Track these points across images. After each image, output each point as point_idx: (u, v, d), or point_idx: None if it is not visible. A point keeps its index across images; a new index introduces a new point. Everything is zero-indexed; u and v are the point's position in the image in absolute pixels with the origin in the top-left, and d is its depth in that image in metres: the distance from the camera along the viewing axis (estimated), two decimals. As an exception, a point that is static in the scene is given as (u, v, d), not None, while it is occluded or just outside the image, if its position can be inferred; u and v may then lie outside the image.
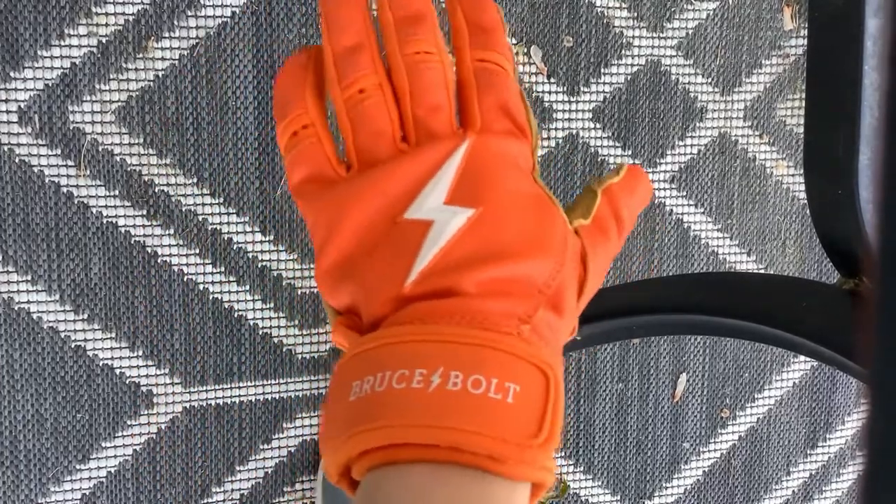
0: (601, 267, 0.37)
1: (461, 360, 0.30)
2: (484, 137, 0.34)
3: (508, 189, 0.34)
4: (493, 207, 0.33)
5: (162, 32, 0.84)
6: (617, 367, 1.04)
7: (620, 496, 1.06)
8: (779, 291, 0.60)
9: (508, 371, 0.30)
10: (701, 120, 1.02)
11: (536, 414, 0.29)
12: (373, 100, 0.34)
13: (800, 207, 1.08)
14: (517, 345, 0.31)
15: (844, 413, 1.15)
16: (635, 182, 0.39)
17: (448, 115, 0.35)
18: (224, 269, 0.88)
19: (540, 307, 0.32)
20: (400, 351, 0.30)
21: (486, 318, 0.31)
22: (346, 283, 0.33)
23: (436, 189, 0.33)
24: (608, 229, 0.37)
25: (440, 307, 0.31)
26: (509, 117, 0.35)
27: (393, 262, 0.32)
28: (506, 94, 0.36)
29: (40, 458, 0.85)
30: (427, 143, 0.34)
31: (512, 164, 0.35)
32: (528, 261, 0.32)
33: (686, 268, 1.04)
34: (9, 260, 0.82)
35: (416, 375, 0.29)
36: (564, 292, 0.33)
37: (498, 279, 0.32)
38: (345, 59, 0.35)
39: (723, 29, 1.02)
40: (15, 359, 0.84)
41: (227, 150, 0.87)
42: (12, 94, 0.81)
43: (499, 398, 0.29)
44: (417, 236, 0.32)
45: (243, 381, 0.90)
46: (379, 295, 0.32)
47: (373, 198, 0.33)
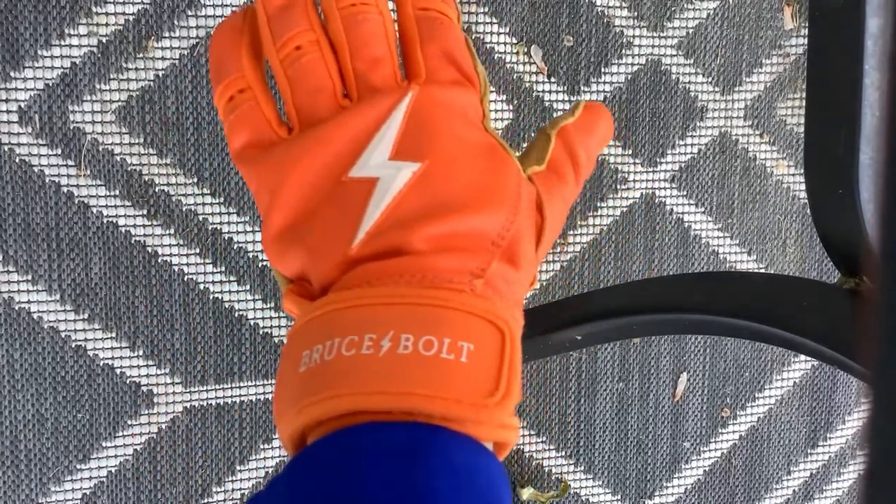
0: (559, 213, 0.35)
1: (411, 322, 0.29)
2: (429, 88, 0.33)
3: (456, 140, 0.33)
4: (439, 160, 0.32)
5: (162, 32, 0.84)
6: (617, 367, 1.04)
7: (621, 496, 1.06)
8: (779, 291, 0.60)
9: (461, 330, 0.29)
10: (701, 119, 1.02)
11: (492, 371, 0.29)
12: (310, 56, 0.33)
13: (800, 207, 1.08)
14: (470, 301, 0.30)
15: (845, 412, 1.15)
16: (593, 120, 0.37)
17: (390, 68, 0.34)
18: (224, 269, 0.88)
19: (493, 260, 0.31)
20: (348, 316, 0.29)
21: (437, 275, 0.30)
22: (293, 248, 0.32)
23: (380, 144, 0.32)
24: (565, 173, 0.36)
25: (389, 267, 0.30)
26: (455, 66, 0.34)
27: (339, 224, 0.31)
28: (450, 42, 0.34)
29: (41, 457, 0.85)
30: (369, 97, 0.33)
31: (459, 113, 0.33)
32: (478, 213, 0.31)
33: (686, 267, 1.04)
34: (9, 260, 0.82)
35: (365, 341, 0.28)
36: (520, 243, 0.32)
37: (448, 234, 0.31)
38: (278, 18, 0.33)
39: (723, 28, 1.02)
40: (15, 358, 0.84)
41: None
42: (12, 93, 0.81)
43: (451, 358, 0.28)
44: (363, 195, 0.31)
45: (244, 380, 0.90)
46: (326, 258, 0.31)
47: (315, 157, 0.32)
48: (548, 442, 1.02)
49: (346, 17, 0.33)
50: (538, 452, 1.02)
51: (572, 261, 1.00)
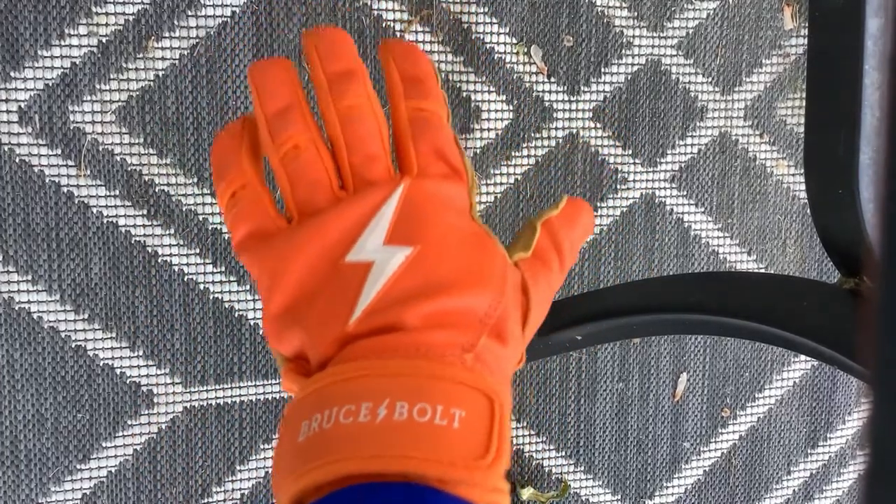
0: (544, 297, 0.37)
1: (406, 391, 0.30)
2: (419, 181, 0.36)
3: (445, 227, 0.35)
4: (431, 244, 0.34)
5: (162, 32, 0.84)
6: (617, 367, 1.04)
7: (621, 496, 1.06)
8: (779, 291, 0.60)
9: (453, 398, 0.31)
10: (701, 119, 1.02)
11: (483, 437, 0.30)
12: (308, 153, 0.35)
13: (800, 207, 1.08)
14: (460, 373, 0.31)
15: (845, 412, 1.15)
16: (575, 214, 0.40)
17: (384, 163, 0.36)
18: (224, 269, 0.88)
19: (482, 336, 0.33)
20: (346, 388, 0.31)
21: (429, 349, 0.32)
22: (293, 329, 0.34)
23: (375, 231, 0.34)
24: (549, 261, 0.38)
25: (384, 342, 0.32)
26: (444, 161, 0.37)
27: (336, 303, 0.33)
28: (440, 140, 0.37)
29: (41, 457, 0.85)
30: (364, 189, 0.35)
31: (448, 204, 0.36)
32: (467, 293, 0.33)
33: (686, 267, 1.04)
34: (9, 260, 0.82)
35: (362, 409, 0.30)
36: (506, 322, 0.34)
37: (439, 312, 0.33)
38: (277, 120, 0.36)
39: (723, 28, 1.02)
40: (15, 359, 0.84)
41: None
42: (12, 93, 0.81)
43: (444, 424, 0.30)
44: (359, 277, 0.33)
45: (244, 380, 0.90)
46: (324, 336, 0.33)
47: (313, 244, 0.34)
48: (548, 442, 1.02)
49: (342, 116, 0.36)
50: (538, 452, 1.02)
51: (572, 261, 1.00)
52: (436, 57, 0.92)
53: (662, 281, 0.74)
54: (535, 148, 0.97)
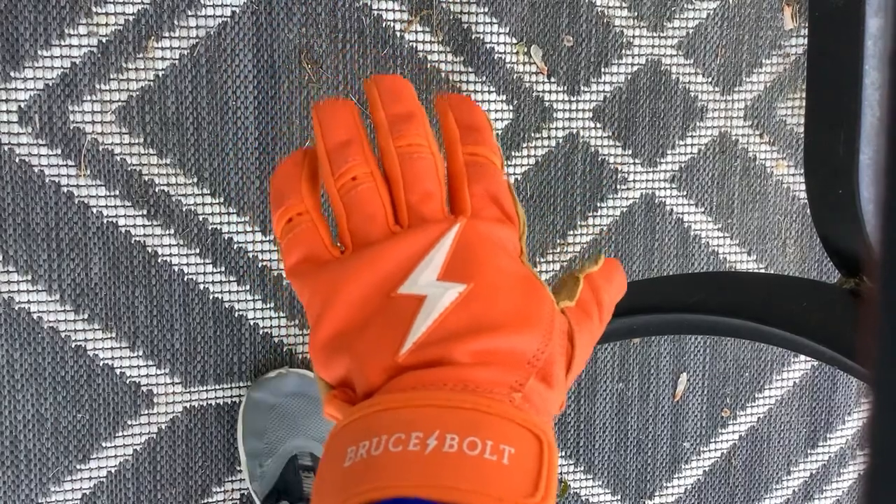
0: (586, 346, 0.38)
1: (456, 424, 0.31)
2: (474, 221, 0.36)
3: (497, 268, 0.35)
4: (483, 283, 0.35)
5: (162, 32, 0.84)
6: (617, 367, 1.04)
7: (621, 496, 1.06)
8: (779, 291, 0.60)
9: (503, 434, 0.31)
10: (701, 119, 1.02)
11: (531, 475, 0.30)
12: (365, 185, 0.36)
13: (800, 207, 1.08)
14: (510, 410, 0.32)
15: (845, 413, 1.15)
16: (612, 272, 0.41)
17: (439, 202, 0.37)
18: (224, 269, 0.88)
19: (530, 377, 0.34)
20: (395, 416, 0.31)
21: (478, 385, 0.32)
22: (340, 356, 0.35)
23: (429, 266, 0.35)
24: (591, 312, 0.39)
25: (433, 375, 0.32)
26: (498, 205, 0.37)
27: (387, 334, 0.34)
28: (495, 185, 0.38)
29: (41, 457, 0.85)
30: (420, 225, 0.36)
31: (500, 246, 0.36)
32: (517, 334, 0.34)
33: (686, 267, 1.04)
34: (9, 260, 0.82)
35: (412, 438, 0.30)
36: (553, 365, 0.35)
37: (489, 350, 0.33)
38: (337, 152, 0.37)
39: (723, 28, 1.02)
40: (15, 359, 0.84)
41: (228, 149, 0.87)
42: (12, 93, 0.81)
43: (494, 459, 0.30)
44: (411, 309, 0.34)
45: (244, 380, 0.90)
46: (373, 365, 0.34)
47: (367, 274, 0.35)
48: (548, 442, 1.02)
49: (401, 154, 0.37)
50: (538, 452, 1.02)
51: (572, 261, 1.00)
52: (435, 57, 0.92)
53: (662, 281, 0.74)
54: (535, 148, 0.97)
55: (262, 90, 0.87)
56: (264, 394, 0.87)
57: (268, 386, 0.87)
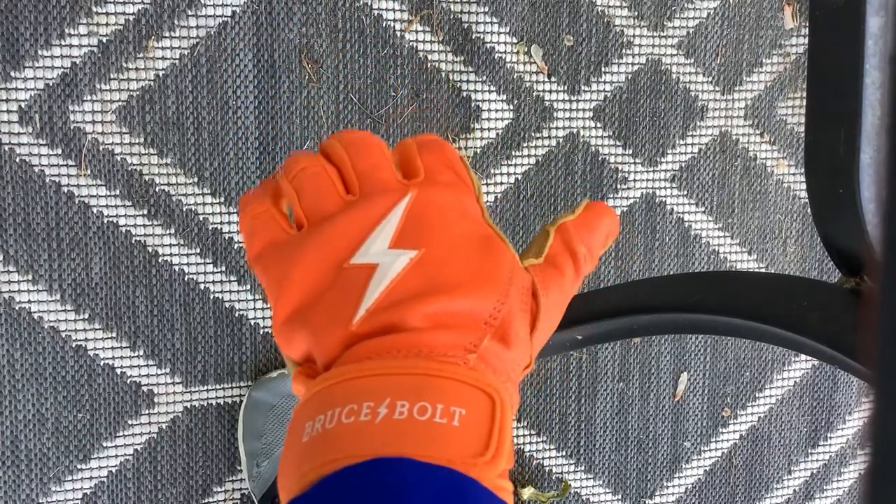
0: (555, 302, 0.38)
1: (407, 390, 0.31)
2: (427, 188, 0.37)
3: (451, 230, 0.36)
4: (435, 247, 0.35)
5: (162, 32, 0.84)
6: (618, 367, 1.04)
7: (622, 495, 1.06)
8: (780, 290, 0.60)
9: (453, 396, 0.31)
10: (702, 119, 1.02)
11: (483, 434, 0.31)
12: (313, 169, 0.37)
13: (801, 206, 1.08)
14: (462, 371, 0.32)
15: (846, 412, 1.15)
16: (594, 218, 0.40)
17: (390, 171, 0.37)
18: (225, 269, 0.88)
19: (486, 337, 0.34)
20: (347, 388, 0.32)
21: (432, 349, 0.33)
22: (299, 332, 0.35)
23: (381, 235, 0.35)
24: (563, 266, 0.38)
25: (387, 342, 0.33)
26: (451, 169, 0.38)
27: (340, 305, 0.34)
28: (448, 154, 0.38)
29: (41, 457, 0.85)
30: (372, 195, 0.36)
31: (457, 209, 0.37)
32: (471, 295, 0.34)
33: (687, 267, 1.04)
34: (10, 260, 0.82)
35: (363, 408, 0.31)
36: (511, 325, 0.35)
37: (442, 312, 0.34)
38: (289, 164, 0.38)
39: (723, 28, 1.02)
40: (16, 359, 0.84)
41: (228, 149, 0.87)
42: (13, 93, 0.81)
43: (444, 422, 0.30)
44: (363, 278, 0.34)
45: (244, 380, 0.90)
46: (329, 337, 0.34)
47: (319, 248, 0.35)
48: (548, 442, 1.02)
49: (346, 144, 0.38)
50: (538, 452, 1.02)
51: (573, 260, 1.00)
52: (436, 57, 0.92)
53: (663, 281, 0.74)
54: (535, 147, 0.97)
55: (262, 90, 0.87)
56: (265, 394, 0.87)
57: (269, 386, 0.87)
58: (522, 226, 0.97)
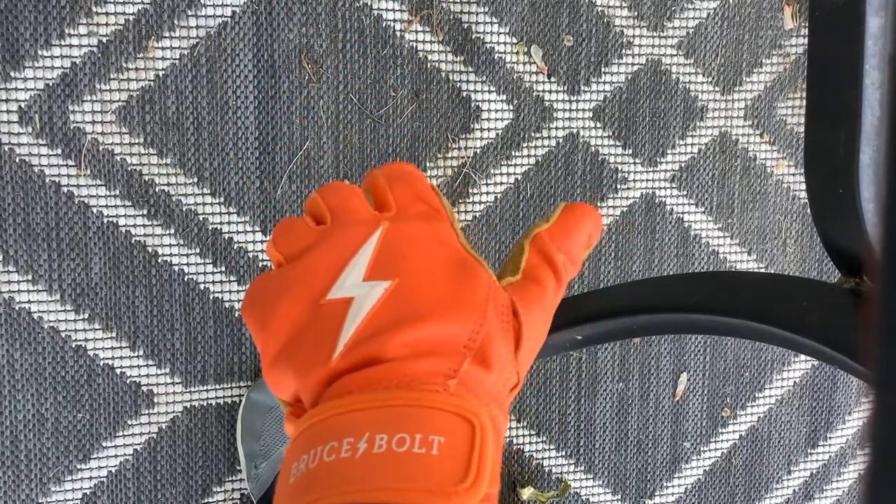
0: (538, 319, 0.37)
1: (386, 423, 0.31)
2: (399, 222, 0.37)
3: (425, 258, 0.36)
4: (409, 276, 0.35)
5: (162, 32, 0.84)
6: (618, 367, 1.04)
7: (621, 495, 1.06)
8: (779, 290, 0.60)
9: (432, 425, 0.31)
10: (701, 119, 1.02)
11: (462, 461, 0.31)
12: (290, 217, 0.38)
13: (800, 206, 1.08)
14: (439, 399, 0.32)
15: (845, 412, 1.15)
16: (571, 221, 0.39)
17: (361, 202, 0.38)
18: (225, 269, 0.88)
19: (465, 361, 0.34)
20: (330, 425, 0.32)
21: (413, 378, 0.33)
22: (285, 373, 0.35)
23: (354, 269, 0.35)
24: (542, 279, 0.38)
25: (367, 375, 0.33)
26: (423, 201, 0.38)
27: (319, 342, 0.34)
28: (417, 185, 0.39)
29: (41, 457, 0.85)
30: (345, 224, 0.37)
31: (430, 237, 0.37)
32: (447, 320, 0.34)
33: (686, 267, 1.04)
34: (9, 260, 0.82)
35: (343, 445, 0.31)
36: (490, 346, 0.35)
37: (419, 340, 0.34)
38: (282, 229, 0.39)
39: (723, 28, 1.02)
40: (16, 358, 0.84)
41: (228, 149, 0.87)
42: (13, 93, 0.81)
43: (423, 452, 0.30)
44: (340, 313, 0.34)
45: (244, 380, 0.90)
46: (310, 375, 0.34)
47: (297, 288, 0.36)
48: (548, 442, 1.02)
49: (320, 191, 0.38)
50: (538, 452, 1.02)
51: (572, 261, 1.00)
52: (436, 56, 0.92)
53: (662, 281, 0.74)
54: (535, 148, 0.97)
55: (262, 90, 0.87)
56: (263, 395, 0.87)
57: (266, 388, 0.87)
58: (522, 226, 0.97)
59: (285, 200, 0.89)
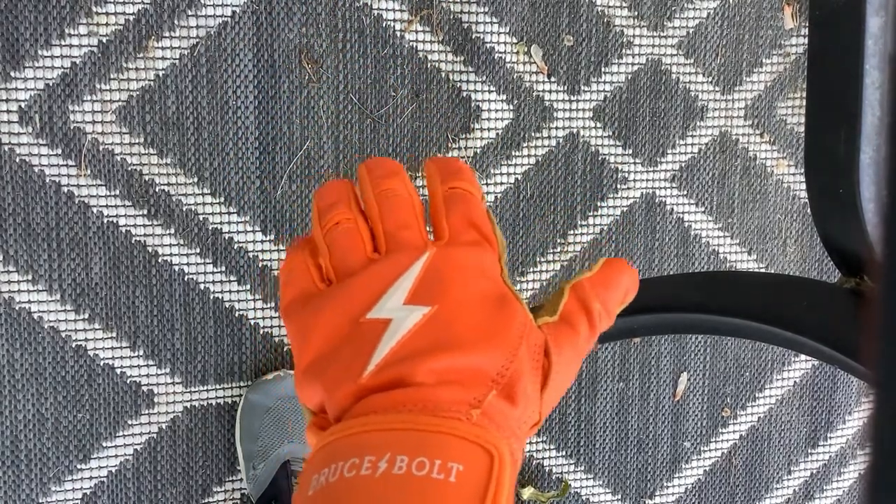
0: (568, 360, 0.38)
1: (407, 445, 0.32)
2: (448, 248, 0.38)
3: (466, 289, 0.37)
4: (449, 305, 0.36)
5: (162, 32, 0.84)
6: (618, 367, 1.04)
7: (621, 495, 1.06)
8: (780, 290, 0.60)
9: (452, 452, 0.32)
10: (701, 119, 1.02)
11: (479, 491, 0.31)
12: (346, 225, 0.39)
13: (800, 206, 1.08)
14: (462, 427, 0.33)
15: (845, 412, 1.15)
16: (612, 275, 0.40)
17: (416, 230, 0.39)
18: (225, 269, 0.88)
19: (490, 393, 0.34)
20: (352, 442, 0.33)
21: (437, 405, 0.33)
22: (314, 383, 0.36)
23: (397, 292, 0.36)
24: (577, 324, 0.39)
25: (393, 397, 0.34)
26: (475, 229, 0.39)
27: (353, 358, 0.35)
28: (472, 211, 0.40)
29: (41, 457, 0.86)
30: (394, 253, 0.38)
31: (475, 267, 0.38)
32: (479, 352, 0.35)
33: (687, 267, 1.04)
34: (10, 260, 0.82)
35: (364, 462, 0.31)
36: (518, 383, 0.35)
37: (449, 368, 0.34)
38: (325, 210, 0.40)
39: (723, 28, 1.02)
40: (16, 358, 0.84)
41: (228, 149, 0.87)
42: (13, 93, 0.81)
43: (441, 478, 0.31)
44: (377, 332, 0.35)
45: (244, 380, 0.90)
46: (340, 389, 0.35)
47: (341, 303, 0.37)
48: (548, 442, 1.02)
49: (379, 196, 0.39)
50: (538, 452, 1.02)
51: (572, 260, 1.00)
52: (436, 56, 0.92)
53: (662, 281, 0.74)
54: (535, 147, 0.97)
55: (262, 90, 0.87)
56: (260, 396, 0.87)
57: (264, 388, 0.87)
58: (522, 226, 0.97)
59: (285, 200, 0.89)
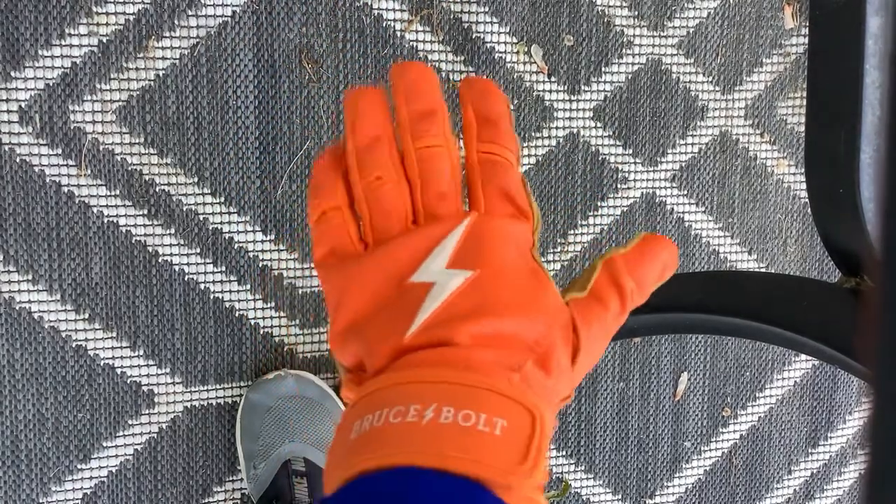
0: (597, 336, 0.39)
1: (453, 397, 0.33)
2: (485, 217, 0.39)
3: (505, 258, 0.38)
4: (490, 271, 0.37)
5: (163, 32, 0.84)
6: (618, 366, 1.04)
7: (622, 495, 1.06)
8: (780, 290, 0.60)
9: (497, 408, 0.33)
10: (702, 119, 1.02)
11: (522, 447, 0.32)
12: (388, 185, 0.39)
13: (801, 206, 1.08)
14: (506, 386, 0.33)
15: (846, 412, 1.15)
16: (649, 251, 0.40)
17: (454, 201, 0.39)
18: (225, 269, 0.88)
19: (529, 360, 0.35)
20: (396, 392, 0.34)
21: (478, 365, 0.34)
22: (354, 341, 0.37)
23: (439, 256, 0.37)
24: (607, 300, 0.39)
25: (435, 355, 0.35)
26: (511, 202, 0.39)
27: (396, 318, 0.36)
28: (508, 182, 0.40)
29: (41, 457, 0.86)
30: (434, 221, 0.38)
31: (511, 240, 0.38)
32: (519, 319, 0.36)
33: (687, 266, 1.04)
34: (10, 260, 0.82)
35: (410, 410, 0.32)
36: (552, 354, 0.36)
37: (490, 334, 0.35)
38: (365, 152, 0.39)
39: (724, 27, 1.02)
40: (16, 358, 0.84)
41: (228, 149, 0.87)
42: (13, 93, 0.81)
43: (487, 430, 0.32)
44: (420, 295, 0.36)
45: (244, 380, 0.90)
46: (381, 347, 0.36)
47: (381, 267, 0.37)
48: (548, 441, 1.02)
49: (420, 156, 0.39)
50: (539, 452, 1.02)
51: (572, 260, 1.00)
52: (436, 56, 0.92)
53: (663, 280, 0.74)
54: (535, 147, 0.97)
55: (262, 90, 0.87)
56: (261, 396, 0.87)
57: (265, 388, 0.87)
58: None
59: (286, 200, 0.89)
